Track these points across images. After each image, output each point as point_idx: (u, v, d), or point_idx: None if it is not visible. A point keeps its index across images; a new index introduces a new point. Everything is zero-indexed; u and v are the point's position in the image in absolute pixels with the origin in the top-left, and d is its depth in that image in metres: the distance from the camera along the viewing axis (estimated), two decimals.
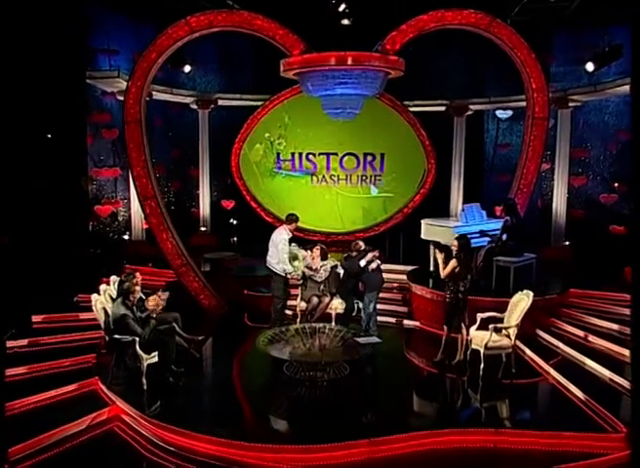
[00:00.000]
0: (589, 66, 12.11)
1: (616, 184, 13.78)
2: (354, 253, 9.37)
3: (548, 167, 14.41)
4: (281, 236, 9.36)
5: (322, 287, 9.76)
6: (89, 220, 12.88)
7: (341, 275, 9.63)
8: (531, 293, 8.12)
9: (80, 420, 6.87)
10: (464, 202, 14.36)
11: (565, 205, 13.67)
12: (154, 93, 13.33)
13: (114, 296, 8.23)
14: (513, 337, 8.07)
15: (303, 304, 9.80)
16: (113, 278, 8.63)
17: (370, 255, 9.26)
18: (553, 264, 12.24)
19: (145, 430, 6.77)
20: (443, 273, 8.26)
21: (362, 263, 9.19)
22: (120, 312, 7.52)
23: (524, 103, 13.06)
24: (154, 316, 7.70)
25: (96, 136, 13.51)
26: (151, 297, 7.85)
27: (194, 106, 14.64)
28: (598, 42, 13.17)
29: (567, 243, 13.77)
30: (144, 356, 7.42)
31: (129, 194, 13.81)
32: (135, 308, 7.80)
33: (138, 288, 7.90)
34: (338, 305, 9.94)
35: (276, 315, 9.71)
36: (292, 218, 9.59)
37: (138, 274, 8.59)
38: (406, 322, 10.45)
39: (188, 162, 15.59)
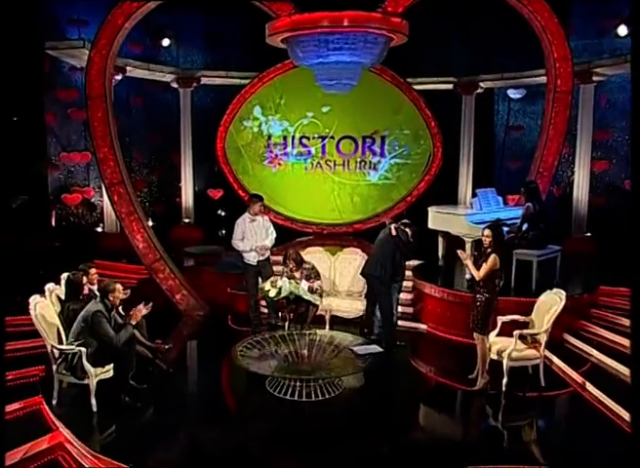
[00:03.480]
0: (622, 30, 10.71)
1: None
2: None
3: (567, 151, 13.01)
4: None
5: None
6: (51, 210, 11.49)
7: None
8: (563, 293, 6.79)
9: (14, 450, 5.57)
10: (474, 189, 13.07)
11: (587, 192, 12.25)
12: (129, 68, 11.94)
13: (63, 297, 6.91)
14: (543, 346, 6.73)
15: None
16: (64, 275, 7.22)
17: None
18: (575, 258, 10.82)
19: (90, 464, 5.45)
20: (480, 274, 6.60)
21: None
22: (94, 308, 6.20)
23: (540, 79, 11.79)
24: (133, 323, 6.39)
25: (64, 117, 12.14)
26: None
27: (175, 85, 13.23)
28: (622, 11, 11.79)
29: (588, 234, 12.38)
30: (93, 371, 6.09)
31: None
32: (114, 313, 6.47)
33: (118, 286, 6.52)
34: (334, 306, 8.64)
35: (251, 314, 8.64)
36: (253, 199, 8.81)
37: (93, 270, 7.29)
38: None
39: (171, 147, 14.19)
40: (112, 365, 6.27)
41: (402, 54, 10.15)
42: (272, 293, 8.03)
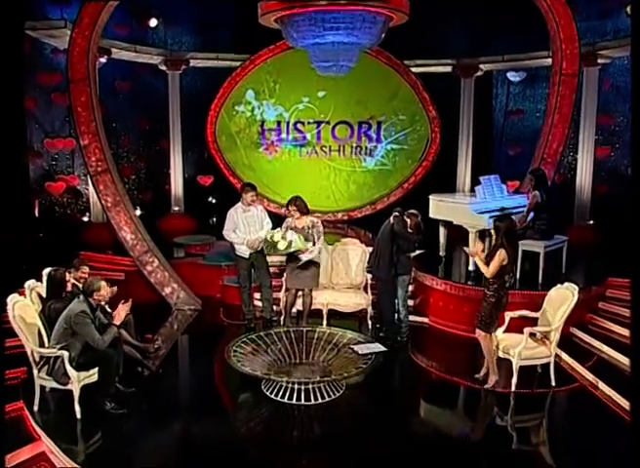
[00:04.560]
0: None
1: None
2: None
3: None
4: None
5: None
6: (34, 199, 10.99)
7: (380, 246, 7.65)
8: (576, 288, 6.42)
9: None
10: (472, 176, 12.69)
11: (590, 179, 11.84)
12: (114, 50, 11.40)
13: (45, 295, 6.47)
14: (554, 344, 6.38)
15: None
16: (45, 271, 6.75)
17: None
18: (579, 247, 10.42)
19: None
20: (489, 272, 6.17)
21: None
22: (78, 309, 5.76)
23: (542, 61, 11.41)
24: (117, 323, 5.98)
25: (47, 102, 11.60)
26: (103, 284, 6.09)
27: (163, 67, 12.68)
28: None
29: (591, 222, 12.01)
30: (77, 375, 5.68)
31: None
32: (98, 312, 6.05)
33: (103, 283, 6.07)
34: (330, 299, 8.24)
35: (245, 309, 8.32)
36: (245, 188, 8.23)
37: (85, 268, 6.87)
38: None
39: (160, 133, 13.66)
40: (97, 368, 5.86)
41: (400, 35, 9.71)
42: (282, 246, 7.29)
